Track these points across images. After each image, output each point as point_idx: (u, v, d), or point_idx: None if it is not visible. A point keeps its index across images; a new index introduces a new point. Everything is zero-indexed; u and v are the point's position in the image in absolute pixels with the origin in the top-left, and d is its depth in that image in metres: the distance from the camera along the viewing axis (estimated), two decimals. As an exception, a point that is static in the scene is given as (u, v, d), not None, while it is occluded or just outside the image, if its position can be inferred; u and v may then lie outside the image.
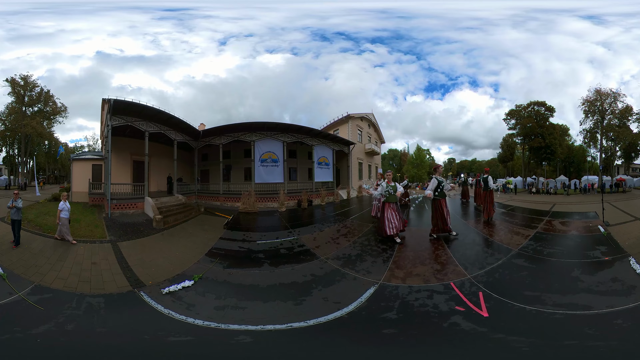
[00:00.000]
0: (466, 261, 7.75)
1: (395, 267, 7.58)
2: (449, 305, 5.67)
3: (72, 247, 9.44)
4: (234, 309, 5.98)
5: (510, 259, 7.92)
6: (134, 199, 15.11)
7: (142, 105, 15.70)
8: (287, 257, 9.08)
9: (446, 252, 8.48)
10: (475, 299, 5.83)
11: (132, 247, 9.78)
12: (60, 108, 32.63)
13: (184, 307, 5.98)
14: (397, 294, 6.21)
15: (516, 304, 5.64)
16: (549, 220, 13.00)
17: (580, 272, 7.06)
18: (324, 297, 6.35)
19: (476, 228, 11.45)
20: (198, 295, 6.59)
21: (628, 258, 7.54)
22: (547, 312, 5.37)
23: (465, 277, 6.80)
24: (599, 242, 9.28)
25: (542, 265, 7.66)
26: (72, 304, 6.05)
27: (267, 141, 20.03)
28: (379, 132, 36.81)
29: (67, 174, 39.37)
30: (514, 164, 45.98)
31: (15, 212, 9.27)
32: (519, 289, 6.25)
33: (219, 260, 8.70)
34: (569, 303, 5.61)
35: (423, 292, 6.25)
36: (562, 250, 8.72)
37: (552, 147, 34.18)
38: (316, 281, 7.11)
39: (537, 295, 5.92)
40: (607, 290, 6.17)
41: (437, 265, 7.60)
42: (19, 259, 8.19)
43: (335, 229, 12.47)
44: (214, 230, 12.74)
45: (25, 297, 6.18)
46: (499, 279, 6.75)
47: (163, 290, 6.64)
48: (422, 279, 6.84)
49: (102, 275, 7.50)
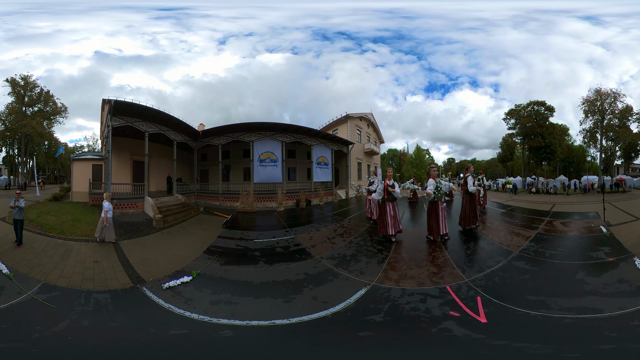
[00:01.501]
0: (464, 264, 7.57)
1: (389, 268, 7.46)
2: (443, 310, 5.46)
3: (74, 246, 9.53)
4: (227, 304, 6.14)
5: (511, 262, 7.67)
6: (134, 198, 15.26)
7: (142, 106, 15.82)
8: (282, 255, 9.19)
9: (443, 254, 8.28)
10: (473, 304, 5.60)
11: (132, 246, 9.93)
12: (61, 108, 32.67)
13: (182, 302, 6.16)
14: (388, 297, 6.07)
15: (519, 309, 5.37)
16: (549, 220, 12.82)
17: (585, 274, 6.86)
18: (314, 296, 6.37)
19: (476, 229, 11.17)
20: (195, 290, 6.75)
21: (633, 258, 7.44)
22: (555, 317, 5.11)
23: (462, 281, 6.59)
24: (601, 242, 9.10)
25: (544, 267, 7.45)
26: (81, 300, 6.20)
27: (266, 141, 20.11)
28: (378, 132, 36.87)
29: (67, 173, 39.51)
30: (514, 163, 46.00)
31: (18, 211, 9.36)
32: (520, 293, 6.00)
33: (217, 257, 8.86)
34: (577, 307, 5.37)
35: (416, 295, 6.07)
36: (565, 251, 8.53)
37: (551, 147, 34.16)
38: (308, 280, 7.14)
39: (542, 299, 5.64)
40: (615, 292, 5.99)
41: (433, 268, 7.40)
42: (22, 258, 8.30)
43: (332, 228, 12.47)
44: (212, 229, 12.86)
45: (35, 295, 6.29)
46: (499, 283, 6.51)
47: (164, 285, 6.82)
48: (417, 282, 6.66)
49: (104, 273, 7.64)
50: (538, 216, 14.02)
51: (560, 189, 30.97)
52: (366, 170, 32.89)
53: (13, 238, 9.33)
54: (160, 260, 8.82)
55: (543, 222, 12.49)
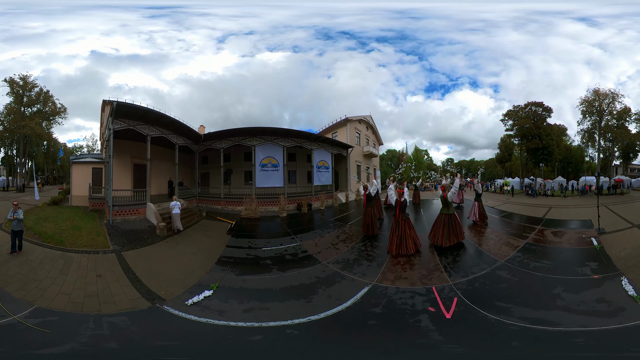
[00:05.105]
0: (452, 269, 8.35)
1: (387, 270, 8.41)
2: (424, 306, 6.51)
3: (74, 259, 9.09)
4: (260, 310, 6.70)
5: (495, 270, 8.23)
6: (136, 204, 15.10)
7: (144, 109, 15.48)
8: (292, 262, 9.70)
9: (435, 259, 9.06)
10: (449, 303, 6.53)
11: (137, 257, 9.74)
12: (60, 109, 32.29)
13: (216, 314, 6.47)
14: (385, 294, 7.18)
15: (482, 312, 6.14)
16: (541, 229, 12.69)
17: (563, 289, 7.00)
18: (328, 295, 7.31)
19: (468, 237, 11.37)
20: (222, 302, 7.02)
21: (620, 277, 7.29)
22: (506, 322, 5.74)
23: (447, 284, 7.47)
24: (590, 256, 9.03)
25: (524, 278, 7.77)
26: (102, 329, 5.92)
27: (267, 146, 20.13)
28: (377, 134, 36.91)
29: (65, 174, 39.30)
30: (512, 164, 46.20)
31: (17, 223, 9.22)
32: (492, 299, 6.69)
33: (230, 268, 9.08)
34: (536, 318, 5.79)
35: (407, 293, 7.13)
36: (550, 264, 8.57)
37: (549, 148, 34.34)
38: (320, 282, 8.01)
39: (508, 307, 6.27)
40: (588, 310, 6.09)
41: (424, 271, 8.26)
42: (16, 272, 7.83)
43: (335, 234, 12.93)
44: (217, 236, 12.93)
45: (24, 320, 5.95)
46: (478, 288, 7.25)
47: (187, 302, 6.90)
48: (409, 282, 7.66)
49: (109, 288, 7.37)
50: (530, 224, 13.91)
51: (557, 191, 31.03)
52: (365, 172, 32.93)
53: (8, 249, 9.07)
54: (169, 272, 8.77)
55: (534, 230, 12.43)
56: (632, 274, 7.52)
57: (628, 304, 6.21)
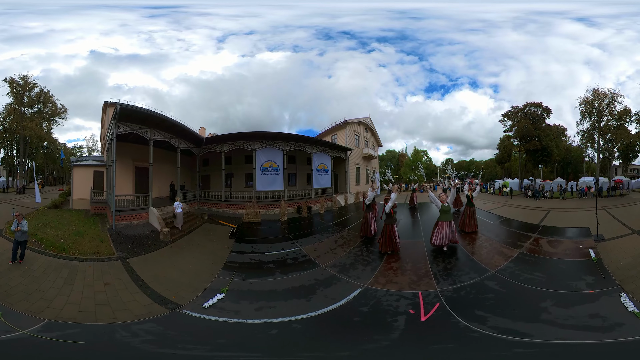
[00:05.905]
0: (441, 276, 8.53)
1: (379, 275, 8.87)
2: (406, 308, 6.85)
3: (79, 267, 9.00)
4: (269, 308, 7.27)
5: (484, 280, 8.19)
6: (139, 209, 15.10)
7: (147, 112, 15.44)
8: (293, 266, 10.20)
9: (426, 266, 9.31)
10: (430, 307, 6.80)
11: (143, 263, 9.86)
12: (60, 109, 32.30)
13: (233, 314, 6.94)
14: (374, 295, 7.65)
15: (456, 318, 6.30)
16: (537, 237, 12.13)
17: (553, 303, 6.71)
18: (325, 295, 7.89)
19: (462, 245, 11.23)
20: (234, 304, 7.50)
21: (619, 293, 6.85)
22: (472, 329, 5.84)
23: (433, 290, 7.70)
24: (586, 269, 8.61)
25: (512, 290, 7.58)
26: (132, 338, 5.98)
27: (268, 149, 20.28)
28: (376, 135, 37.02)
29: (66, 174, 39.33)
30: (511, 165, 46.33)
31: (21, 234, 9.15)
32: (474, 307, 6.76)
33: (236, 272, 9.50)
34: (509, 329, 5.73)
35: (395, 296, 7.54)
36: (542, 277, 8.18)
37: (548, 149, 34.38)
38: (318, 284, 8.61)
39: (486, 316, 6.32)
40: (577, 325, 5.82)
41: (414, 277, 8.58)
42: (19, 283, 7.65)
43: (333, 239, 13.28)
44: (220, 240, 13.12)
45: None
46: (462, 296, 7.39)
47: (204, 305, 7.35)
48: (398, 286, 8.05)
49: (119, 296, 7.43)
50: (526, 231, 13.36)
51: (557, 192, 30.82)
52: (364, 175, 33.07)
53: (8, 258, 8.97)
54: (176, 277, 8.93)
55: (529, 239, 11.88)
56: (632, 285, 7.21)
57: (627, 319, 5.91)
